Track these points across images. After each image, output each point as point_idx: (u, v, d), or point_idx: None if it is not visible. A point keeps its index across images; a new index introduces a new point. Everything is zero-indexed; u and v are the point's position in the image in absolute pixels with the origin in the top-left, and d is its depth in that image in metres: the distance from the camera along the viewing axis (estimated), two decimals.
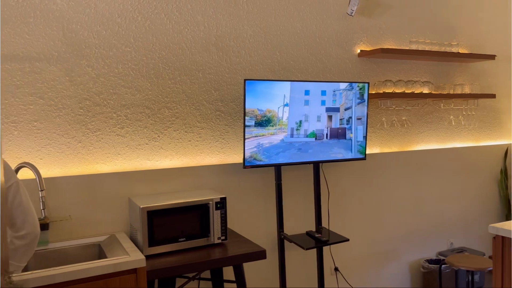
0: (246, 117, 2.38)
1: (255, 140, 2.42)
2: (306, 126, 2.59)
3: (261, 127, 2.43)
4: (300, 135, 2.58)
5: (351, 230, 3.07)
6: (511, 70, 3.88)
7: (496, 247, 2.11)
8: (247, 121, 2.38)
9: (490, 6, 3.72)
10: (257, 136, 2.42)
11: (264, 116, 2.43)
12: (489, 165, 3.72)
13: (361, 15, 3.10)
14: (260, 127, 2.43)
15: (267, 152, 2.47)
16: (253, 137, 2.41)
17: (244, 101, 2.36)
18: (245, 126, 2.38)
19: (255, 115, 2.40)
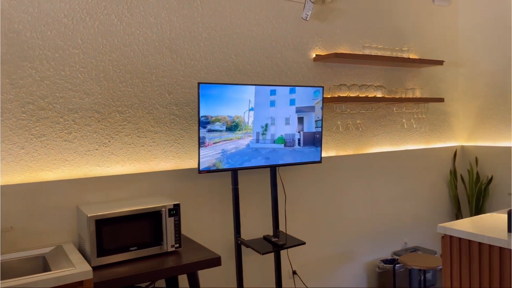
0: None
1: (218, 146, 2.38)
2: (273, 130, 2.58)
3: (227, 131, 2.40)
4: (266, 140, 2.57)
5: (309, 232, 3.09)
6: (458, 75, 4.06)
7: (444, 246, 2.18)
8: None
9: (438, 14, 3.89)
10: (216, 143, 2.38)
11: (217, 121, 2.40)
12: (439, 166, 3.87)
13: (316, 20, 3.14)
14: (220, 132, 2.40)
15: (232, 160, 2.44)
16: (214, 143, 2.37)
17: (199, 104, 2.31)
18: (205, 131, 2.34)
19: (209, 119, 2.36)
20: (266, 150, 2.56)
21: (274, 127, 2.59)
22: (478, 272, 2.02)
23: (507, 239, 1.89)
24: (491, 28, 3.80)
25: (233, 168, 2.46)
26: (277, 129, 2.60)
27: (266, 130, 2.56)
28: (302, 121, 2.71)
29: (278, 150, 2.61)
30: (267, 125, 2.56)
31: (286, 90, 2.63)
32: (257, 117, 2.53)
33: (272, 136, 2.59)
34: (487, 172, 3.84)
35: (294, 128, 2.67)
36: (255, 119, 2.52)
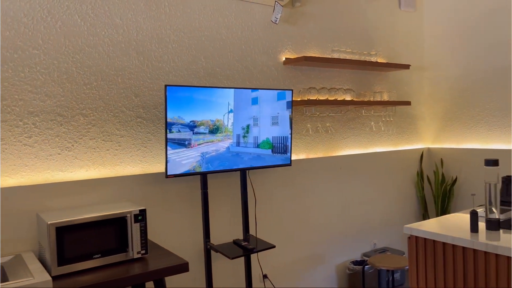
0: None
1: (193, 150, 2.34)
2: (256, 132, 2.57)
3: (199, 134, 2.36)
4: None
5: (279, 236, 3.09)
6: (424, 79, 4.17)
7: (411, 247, 2.22)
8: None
9: (404, 20, 3.98)
10: (179, 150, 2.34)
11: (187, 125, 2.36)
12: (407, 168, 3.95)
13: (286, 23, 3.15)
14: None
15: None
16: (184, 149, 2.33)
17: (166, 107, 2.27)
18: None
19: (177, 122, 2.32)
20: (250, 156, 2.55)
21: (252, 130, 2.58)
22: (443, 272, 2.06)
23: (470, 239, 1.94)
24: (454, 33, 3.92)
25: (201, 172, 2.43)
26: (251, 133, 2.59)
27: (248, 132, 2.54)
28: (272, 124, 2.70)
29: (248, 154, 2.59)
30: (248, 126, 2.54)
31: (256, 93, 2.62)
32: (236, 120, 2.51)
33: (255, 140, 2.57)
34: (451, 173, 3.96)
35: (266, 132, 2.66)
36: (235, 121, 2.50)
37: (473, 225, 2.04)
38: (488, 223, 2.06)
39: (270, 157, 2.71)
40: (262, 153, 2.66)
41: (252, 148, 2.62)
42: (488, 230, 2.05)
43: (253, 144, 2.62)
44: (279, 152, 2.75)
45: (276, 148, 2.73)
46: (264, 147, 2.67)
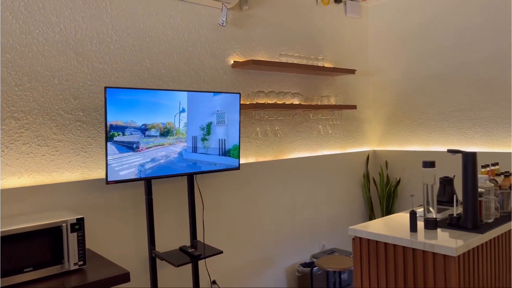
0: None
1: (139, 154, 2.24)
2: (207, 135, 2.50)
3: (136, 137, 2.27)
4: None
5: (228, 241, 3.05)
6: (369, 83, 4.31)
7: (355, 248, 2.26)
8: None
9: (350, 26, 4.10)
10: (122, 155, 2.24)
11: (123, 128, 2.27)
12: (353, 170, 4.06)
13: (234, 26, 3.13)
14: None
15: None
16: (128, 153, 2.23)
17: (106, 110, 2.17)
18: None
19: (120, 125, 2.23)
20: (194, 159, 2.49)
21: (204, 134, 2.52)
22: (385, 272, 2.11)
23: (409, 238, 2.00)
24: (396, 40, 4.09)
25: (145, 177, 2.34)
26: (203, 137, 2.54)
27: (202, 135, 2.48)
28: (221, 128, 2.67)
29: (196, 158, 2.54)
30: (204, 129, 2.48)
31: (203, 96, 2.57)
32: (186, 123, 2.44)
33: (207, 143, 2.51)
34: (395, 175, 4.11)
35: (215, 135, 2.62)
36: (183, 124, 2.43)
37: (412, 225, 2.11)
38: (426, 222, 2.14)
39: (218, 161, 2.67)
40: (210, 157, 2.62)
41: (203, 152, 2.57)
42: (426, 229, 2.13)
43: (204, 148, 2.57)
44: (228, 155, 2.72)
45: (224, 151, 2.70)
46: (215, 152, 2.62)
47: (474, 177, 2.09)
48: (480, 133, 3.53)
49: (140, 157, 2.30)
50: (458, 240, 1.94)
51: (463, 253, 1.91)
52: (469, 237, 1.98)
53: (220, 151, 2.68)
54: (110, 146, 2.19)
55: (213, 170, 2.65)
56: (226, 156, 2.71)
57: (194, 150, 2.54)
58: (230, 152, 2.73)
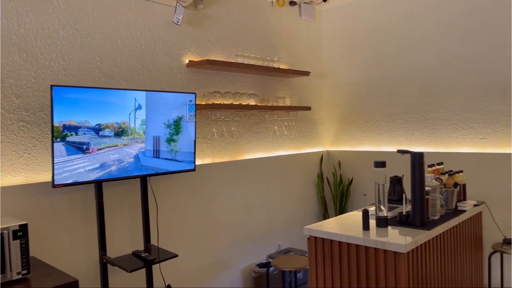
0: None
1: (89, 156, 2.12)
2: (162, 136, 2.41)
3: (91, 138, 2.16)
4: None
5: (183, 244, 3.00)
6: (323, 85, 4.40)
7: (310, 247, 2.29)
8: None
9: (304, 28, 4.16)
10: (71, 157, 2.13)
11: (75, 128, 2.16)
12: (308, 170, 4.13)
13: (189, 25, 3.08)
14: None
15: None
16: (78, 155, 2.11)
17: (52, 110, 2.05)
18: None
19: (71, 125, 2.12)
20: (148, 160, 2.40)
21: (158, 135, 2.44)
22: (339, 270, 2.16)
23: (362, 236, 2.06)
24: (348, 43, 4.20)
25: (95, 180, 2.24)
26: (157, 137, 2.46)
27: (154, 136, 2.40)
28: (176, 129, 2.61)
29: (150, 159, 2.47)
30: (155, 130, 2.40)
31: (157, 96, 2.50)
32: (140, 124, 2.36)
33: (160, 144, 2.44)
34: (348, 174, 4.23)
35: (172, 136, 2.56)
36: (138, 125, 2.34)
37: (365, 223, 2.17)
38: (377, 221, 2.21)
39: (173, 163, 2.61)
40: (165, 159, 2.55)
41: (156, 154, 2.50)
42: (378, 227, 2.20)
43: (159, 149, 2.50)
44: (183, 156, 2.66)
45: (181, 152, 2.64)
46: (171, 152, 2.56)
47: (421, 176, 2.19)
48: (426, 133, 3.70)
49: (88, 160, 2.20)
50: (407, 237, 2.02)
51: (412, 249, 1.99)
52: (417, 234, 2.07)
53: (178, 152, 2.62)
54: (58, 147, 2.08)
55: (167, 171, 2.59)
56: (182, 157, 2.66)
57: (154, 154, 2.46)
58: (186, 152, 2.68)
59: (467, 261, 2.66)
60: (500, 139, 3.30)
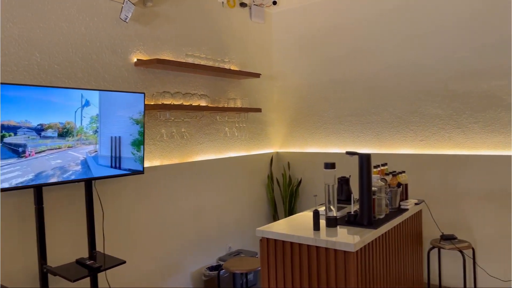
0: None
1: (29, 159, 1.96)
2: (108, 137, 2.27)
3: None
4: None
5: (131, 249, 2.89)
6: (273, 87, 4.45)
7: (262, 249, 2.30)
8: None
9: (255, 30, 4.18)
10: (8, 160, 1.97)
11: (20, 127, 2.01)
12: (258, 172, 4.15)
13: (137, 22, 2.98)
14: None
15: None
16: (16, 158, 1.95)
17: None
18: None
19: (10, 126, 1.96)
20: (93, 163, 2.27)
21: (103, 135, 2.32)
22: (291, 271, 2.18)
23: (313, 237, 2.10)
24: (297, 46, 4.28)
25: (35, 185, 2.10)
26: (102, 139, 2.34)
27: (99, 137, 2.27)
28: (123, 129, 2.50)
29: (95, 161, 2.35)
30: (97, 131, 2.27)
31: (104, 95, 2.39)
32: (86, 125, 2.22)
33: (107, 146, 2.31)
34: (297, 175, 4.30)
35: (118, 138, 2.45)
36: (85, 126, 2.21)
37: (315, 223, 2.21)
38: (327, 221, 2.26)
39: (121, 165, 2.50)
40: (111, 161, 2.44)
41: (104, 155, 2.38)
42: (328, 227, 2.25)
43: (105, 151, 2.38)
44: (131, 159, 2.56)
45: (128, 154, 2.54)
46: (121, 153, 2.45)
47: (369, 177, 2.27)
48: (371, 135, 3.86)
49: (21, 168, 2.05)
50: (356, 236, 2.08)
51: (360, 248, 2.06)
52: (365, 233, 2.14)
53: (124, 154, 2.52)
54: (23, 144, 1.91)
55: (113, 175, 2.48)
56: (130, 159, 2.56)
57: (113, 161, 2.34)
58: (133, 154, 2.58)
59: (409, 257, 2.80)
60: (437, 141, 3.51)
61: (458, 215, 3.37)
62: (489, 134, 3.26)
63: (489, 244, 3.25)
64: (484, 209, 3.26)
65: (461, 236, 3.34)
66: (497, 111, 3.22)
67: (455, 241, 3.08)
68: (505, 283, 3.18)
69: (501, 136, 3.21)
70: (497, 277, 3.22)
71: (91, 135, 2.32)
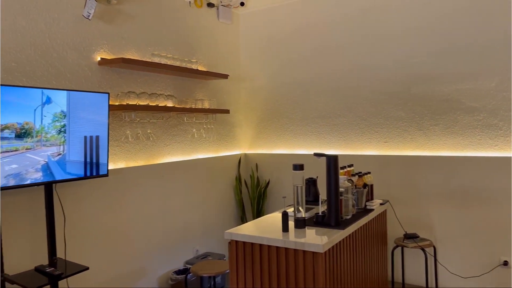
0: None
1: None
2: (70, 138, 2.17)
3: None
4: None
5: (95, 255, 2.79)
6: (241, 89, 4.44)
7: (231, 251, 2.28)
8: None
9: (222, 31, 4.16)
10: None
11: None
12: (226, 173, 4.12)
13: (101, 20, 2.89)
14: None
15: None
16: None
17: None
18: None
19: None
20: (55, 166, 2.17)
21: (66, 136, 2.22)
22: (260, 273, 2.17)
23: (282, 238, 2.10)
24: (264, 48, 4.29)
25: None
26: (66, 140, 2.24)
27: (62, 138, 2.17)
28: (87, 130, 2.41)
29: (56, 164, 2.24)
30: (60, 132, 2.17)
31: (67, 95, 2.29)
32: (48, 126, 2.12)
33: (70, 148, 2.21)
34: (265, 177, 4.31)
35: (80, 139, 2.35)
36: (47, 127, 2.10)
37: (284, 225, 2.22)
38: (296, 222, 2.27)
39: (83, 168, 2.41)
40: (74, 164, 2.35)
41: (67, 158, 2.28)
42: (297, 228, 2.26)
43: (68, 152, 2.28)
44: (95, 161, 2.47)
45: (91, 157, 2.45)
46: (79, 157, 2.36)
47: (336, 178, 2.30)
48: (337, 137, 3.92)
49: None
50: (324, 237, 2.10)
51: (328, 248, 2.08)
52: (333, 234, 2.16)
53: (87, 157, 2.42)
54: None
55: (76, 177, 2.39)
56: (93, 162, 2.47)
57: (59, 155, 2.24)
58: (98, 157, 2.49)
59: (374, 256, 2.86)
60: (400, 142, 3.62)
61: (421, 214, 3.49)
62: (449, 136, 3.39)
63: (450, 242, 3.38)
64: (444, 208, 3.39)
65: (423, 234, 3.45)
66: (456, 114, 3.35)
67: (418, 240, 3.18)
68: (465, 279, 3.32)
69: (460, 138, 3.35)
70: (458, 274, 3.35)
71: (54, 136, 2.22)
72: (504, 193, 3.14)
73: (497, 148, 3.20)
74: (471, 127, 3.30)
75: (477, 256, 3.26)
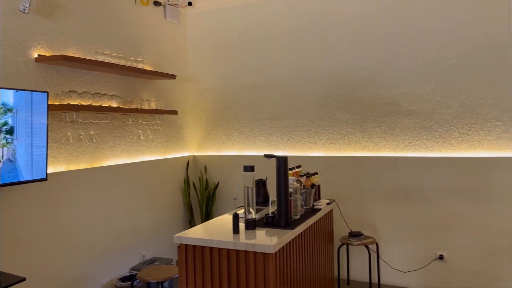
0: None
1: None
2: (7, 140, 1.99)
3: None
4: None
5: (34, 264, 2.61)
6: (189, 89, 4.37)
7: (180, 255, 2.23)
8: None
9: (170, 30, 4.08)
10: None
11: None
12: (174, 176, 4.03)
13: (38, 14, 2.71)
14: None
15: None
16: None
17: None
18: None
19: None
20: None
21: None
22: (210, 276, 2.15)
23: (232, 240, 2.08)
24: (213, 49, 4.27)
25: None
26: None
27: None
28: (23, 131, 2.25)
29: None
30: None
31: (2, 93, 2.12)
32: None
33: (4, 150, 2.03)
34: (214, 179, 4.27)
35: (19, 140, 2.18)
36: None
37: (235, 227, 2.21)
38: (247, 223, 2.27)
39: (20, 171, 2.25)
40: (8, 167, 2.18)
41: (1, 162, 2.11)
42: (247, 230, 2.26)
43: (1, 155, 2.11)
44: (32, 164, 2.31)
45: (28, 159, 2.29)
46: (17, 160, 2.19)
47: (286, 179, 2.33)
48: (285, 138, 3.98)
49: None
50: (274, 238, 2.12)
51: (278, 249, 2.10)
52: (283, 234, 2.19)
53: (23, 159, 2.26)
54: None
55: (12, 182, 2.22)
56: (30, 165, 2.31)
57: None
58: (36, 160, 2.34)
59: (322, 255, 2.93)
60: (344, 144, 3.74)
61: (365, 212, 3.63)
62: (389, 138, 3.57)
63: (391, 238, 3.55)
64: (386, 206, 3.55)
65: (367, 232, 3.60)
66: (396, 117, 3.53)
67: (362, 237, 3.31)
68: (404, 274, 3.50)
69: (400, 139, 3.53)
70: (398, 268, 3.52)
71: None
72: (440, 191, 3.35)
73: (432, 149, 3.42)
74: (409, 129, 3.49)
75: (415, 252, 3.45)
